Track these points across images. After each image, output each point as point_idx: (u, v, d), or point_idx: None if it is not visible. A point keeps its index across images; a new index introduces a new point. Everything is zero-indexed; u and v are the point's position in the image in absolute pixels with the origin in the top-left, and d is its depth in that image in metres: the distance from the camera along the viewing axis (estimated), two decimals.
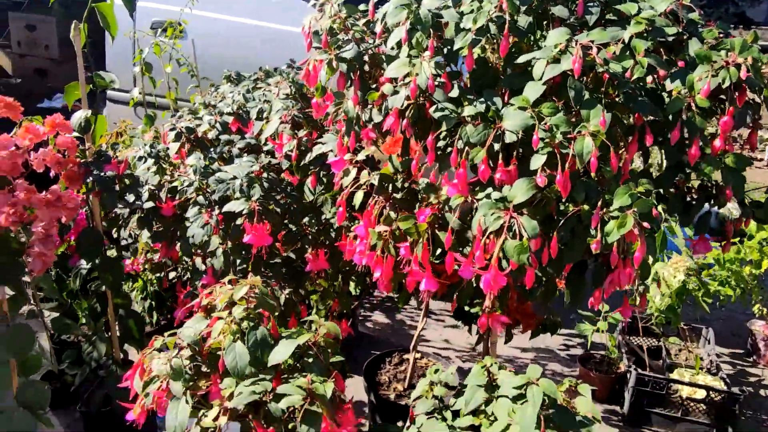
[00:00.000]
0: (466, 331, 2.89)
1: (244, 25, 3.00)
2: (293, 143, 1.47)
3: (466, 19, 1.15)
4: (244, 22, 3.03)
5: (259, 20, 2.98)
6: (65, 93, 1.94)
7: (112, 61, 3.20)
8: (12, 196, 1.49)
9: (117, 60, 3.20)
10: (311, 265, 1.50)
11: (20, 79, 3.56)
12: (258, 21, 2.98)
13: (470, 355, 2.75)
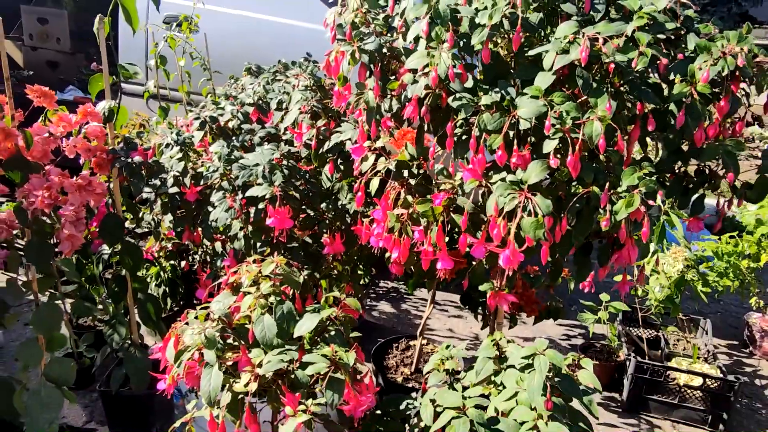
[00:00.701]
0: (469, 320, 2.99)
1: (254, 20, 3.08)
2: (312, 132, 1.55)
3: (481, 15, 1.24)
4: (253, 17, 3.11)
5: (268, 15, 3.06)
6: (89, 84, 2.02)
7: (124, 54, 3.27)
8: (46, 180, 1.57)
9: (128, 53, 3.27)
10: (329, 248, 1.59)
11: (32, 72, 3.63)
12: (267, 15, 3.06)
13: (474, 344, 2.84)
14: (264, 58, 3.01)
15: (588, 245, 1.34)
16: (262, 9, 3.06)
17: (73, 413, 2.29)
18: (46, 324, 1.70)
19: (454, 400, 1.19)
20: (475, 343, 2.84)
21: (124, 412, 2.14)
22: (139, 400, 2.12)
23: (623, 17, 1.25)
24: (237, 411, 1.17)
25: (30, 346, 1.73)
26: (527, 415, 1.15)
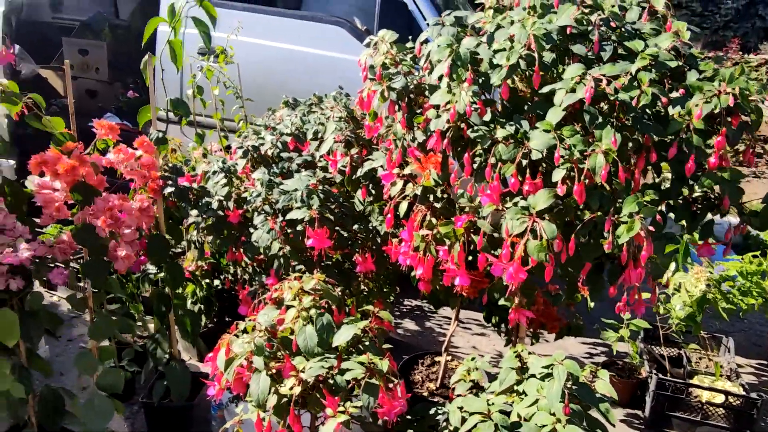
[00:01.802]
0: (492, 338, 3.12)
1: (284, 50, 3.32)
2: (346, 160, 1.74)
3: (499, 56, 1.42)
4: (283, 47, 3.35)
5: (298, 45, 3.30)
6: (138, 115, 2.26)
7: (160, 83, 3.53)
8: (108, 203, 1.78)
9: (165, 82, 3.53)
10: (361, 266, 1.76)
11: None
12: (296, 46, 3.30)
13: (496, 361, 2.97)
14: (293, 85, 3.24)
15: (600, 265, 1.49)
16: (292, 40, 3.30)
17: (115, 424, 2.49)
18: (101, 335, 1.91)
19: (479, 406, 1.34)
20: (497, 360, 2.97)
21: (165, 422, 2.32)
22: (179, 412, 2.30)
23: (629, 56, 1.42)
24: (282, 412, 1.34)
25: (86, 356, 1.94)
26: (547, 419, 1.29)
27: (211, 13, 2.11)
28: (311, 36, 3.25)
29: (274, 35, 3.36)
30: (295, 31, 3.30)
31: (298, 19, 3.32)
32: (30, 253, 1.68)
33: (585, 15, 1.44)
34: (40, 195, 1.79)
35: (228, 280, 2.30)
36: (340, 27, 3.21)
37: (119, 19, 4.74)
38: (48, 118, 1.92)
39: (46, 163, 1.77)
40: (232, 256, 1.91)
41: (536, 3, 1.48)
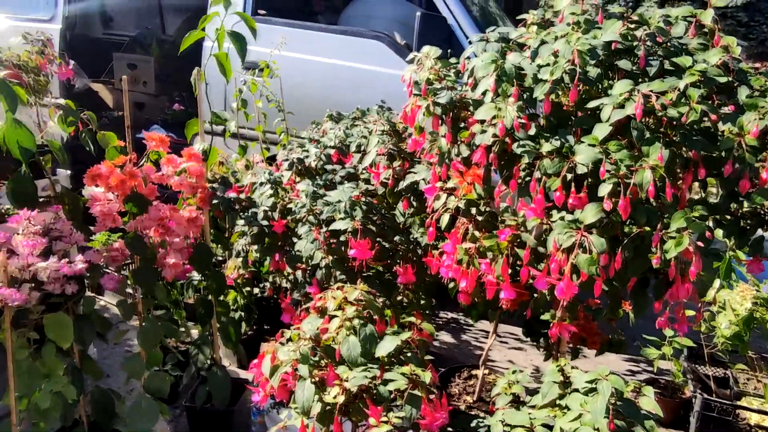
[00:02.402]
0: (529, 353, 3.09)
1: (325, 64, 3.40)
2: (389, 172, 1.77)
3: (543, 71, 1.43)
4: (324, 62, 3.43)
5: (339, 60, 3.37)
6: (186, 128, 2.35)
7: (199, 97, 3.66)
8: (159, 214, 1.86)
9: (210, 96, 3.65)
10: (401, 278, 1.79)
11: (122, 113, 4.10)
12: (337, 60, 3.37)
13: (534, 376, 2.94)
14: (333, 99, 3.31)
15: (645, 280, 1.48)
16: (332, 54, 3.37)
17: (158, 426, 2.55)
18: (150, 340, 1.98)
19: (522, 419, 1.34)
20: (535, 375, 2.94)
21: (206, 426, 2.38)
22: (220, 416, 2.35)
23: (676, 71, 1.41)
24: (326, 420, 1.37)
25: (134, 360, 2.01)
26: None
27: (251, 25, 2.17)
28: (352, 51, 3.31)
29: (315, 50, 3.44)
30: (335, 46, 3.37)
31: (339, 34, 3.39)
32: (84, 265, 1.77)
33: (630, 30, 1.45)
34: (94, 206, 1.88)
35: (270, 288, 2.35)
36: (380, 42, 3.26)
37: (165, 35, 4.94)
38: (102, 134, 2.02)
39: (99, 176, 1.86)
40: (275, 264, 1.96)
41: (580, 19, 1.49)
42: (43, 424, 1.86)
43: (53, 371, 1.84)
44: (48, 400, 1.81)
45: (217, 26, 2.21)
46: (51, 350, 1.82)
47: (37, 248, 1.67)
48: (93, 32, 4.81)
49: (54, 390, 1.81)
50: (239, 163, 2.88)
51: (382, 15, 3.51)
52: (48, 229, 1.83)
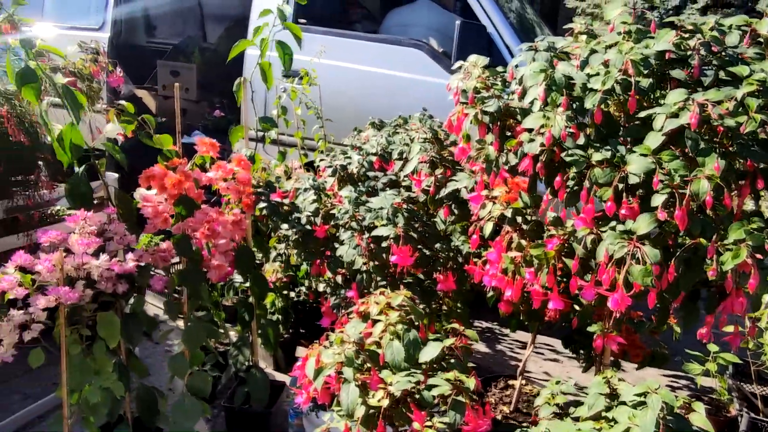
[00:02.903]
0: (565, 365, 3.04)
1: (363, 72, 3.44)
2: (431, 180, 1.78)
3: (593, 80, 1.43)
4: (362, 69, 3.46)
5: (378, 68, 3.40)
6: (231, 134, 2.41)
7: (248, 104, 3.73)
8: (206, 216, 1.91)
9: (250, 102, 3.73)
10: (441, 285, 1.79)
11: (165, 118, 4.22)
12: (376, 68, 3.40)
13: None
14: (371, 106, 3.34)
15: (696, 293, 1.45)
16: (371, 62, 3.41)
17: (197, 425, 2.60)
18: (194, 340, 2.02)
19: (567, 430, 1.32)
20: None
21: (244, 426, 2.42)
22: (258, 417, 2.39)
23: (732, 81, 1.38)
24: (369, 424, 1.38)
25: (179, 359, 2.06)
26: None
27: (296, 34, 2.22)
28: (390, 59, 3.34)
29: (353, 58, 3.48)
30: (374, 54, 3.41)
31: (378, 43, 3.43)
32: (135, 263, 1.83)
33: (684, 39, 1.43)
34: (146, 207, 1.95)
35: (311, 292, 2.38)
36: (419, 50, 3.29)
37: (207, 43, 5.07)
38: (157, 136, 2.08)
39: (153, 178, 1.92)
40: (316, 269, 1.99)
41: (632, 28, 1.48)
42: (92, 419, 1.92)
43: (103, 368, 1.90)
44: (98, 396, 1.86)
45: (263, 35, 2.27)
46: (101, 347, 1.88)
47: (91, 247, 1.74)
48: (137, 40, 4.96)
49: (103, 386, 1.86)
50: (278, 169, 2.93)
51: (420, 23, 3.54)
52: (102, 230, 1.90)
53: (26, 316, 1.70)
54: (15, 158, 2.07)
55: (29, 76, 1.82)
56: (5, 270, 1.63)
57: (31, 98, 1.84)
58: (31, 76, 1.82)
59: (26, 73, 1.83)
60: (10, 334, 1.69)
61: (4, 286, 1.58)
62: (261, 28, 2.07)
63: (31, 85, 1.83)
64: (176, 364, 2.04)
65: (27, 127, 2.15)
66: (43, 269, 1.68)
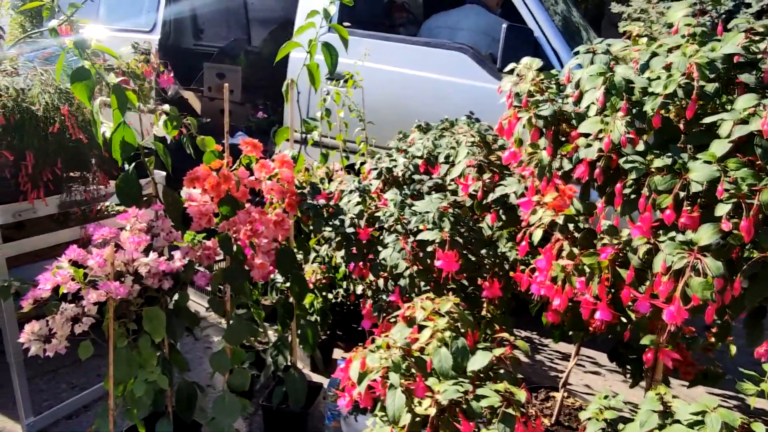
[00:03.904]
0: (607, 378, 2.95)
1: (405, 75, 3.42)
2: (478, 184, 1.75)
3: (654, 84, 1.37)
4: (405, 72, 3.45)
5: (421, 71, 3.38)
6: (276, 135, 2.42)
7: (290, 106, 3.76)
8: (249, 216, 1.92)
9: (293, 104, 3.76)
10: (487, 291, 1.75)
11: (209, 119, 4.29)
12: (420, 72, 3.38)
13: None
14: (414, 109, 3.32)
15: (761, 309, 1.37)
16: (414, 66, 3.39)
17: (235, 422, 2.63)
18: (236, 338, 2.04)
19: None
20: None
21: (281, 426, 2.42)
22: (295, 417, 2.39)
23: None
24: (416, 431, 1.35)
25: (220, 356, 2.07)
26: None
27: (343, 36, 2.22)
28: (434, 62, 3.32)
29: (396, 61, 3.47)
30: (417, 57, 3.39)
31: (422, 46, 3.40)
32: (182, 263, 1.85)
33: (753, 42, 1.36)
34: (191, 206, 1.97)
35: (353, 294, 2.37)
36: (463, 53, 3.25)
37: (251, 46, 5.14)
38: (201, 138, 2.11)
39: (197, 179, 1.94)
40: (359, 272, 1.97)
41: (697, 30, 1.42)
42: (135, 411, 1.95)
43: (147, 361, 1.93)
44: (142, 389, 1.89)
45: (310, 37, 2.27)
46: (146, 341, 1.91)
47: (141, 245, 1.77)
48: (185, 43, 5.08)
49: (149, 380, 1.89)
50: (319, 171, 2.94)
51: (464, 26, 3.50)
52: (149, 227, 1.93)
53: (78, 309, 1.75)
54: (72, 155, 2.13)
55: (82, 74, 1.87)
56: (60, 264, 1.68)
57: (82, 96, 1.89)
58: (84, 74, 1.86)
59: (80, 72, 1.88)
60: (62, 327, 1.73)
61: (58, 280, 1.62)
62: (304, 28, 2.07)
63: (84, 84, 1.87)
64: (218, 361, 2.06)
65: (84, 125, 2.20)
66: (94, 264, 1.72)
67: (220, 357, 2.06)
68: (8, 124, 2.02)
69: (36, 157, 2.00)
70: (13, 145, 2.03)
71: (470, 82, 3.21)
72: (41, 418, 2.44)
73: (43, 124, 2.05)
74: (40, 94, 2.04)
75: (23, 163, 2.01)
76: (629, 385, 2.17)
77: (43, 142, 2.02)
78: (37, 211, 2.27)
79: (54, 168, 2.00)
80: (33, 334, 1.75)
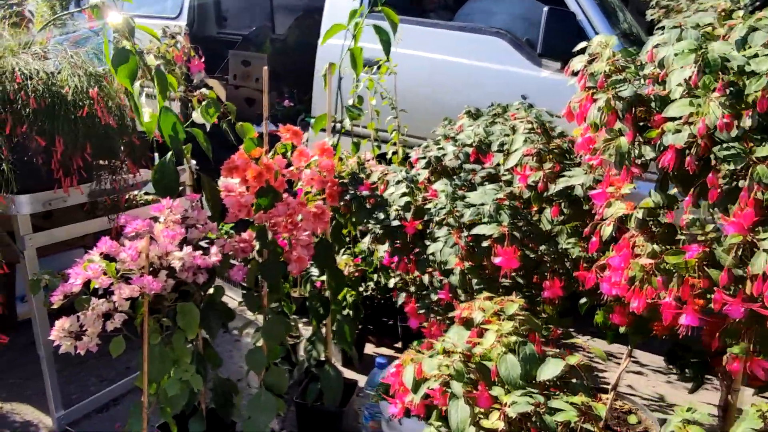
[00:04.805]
0: (650, 378, 2.77)
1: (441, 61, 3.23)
2: (539, 174, 1.57)
3: (754, 62, 1.18)
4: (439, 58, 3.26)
5: (456, 57, 3.19)
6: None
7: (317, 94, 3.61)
8: (288, 208, 1.77)
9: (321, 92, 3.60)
10: (548, 291, 1.58)
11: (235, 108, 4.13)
12: (454, 57, 3.19)
13: (658, 405, 2.62)
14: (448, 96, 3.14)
15: None
16: (448, 51, 3.20)
17: None
18: (274, 335, 1.90)
19: None
20: (659, 404, 2.62)
21: (315, 424, 2.29)
22: (330, 416, 2.25)
23: None
24: None
25: (256, 354, 1.94)
26: None
27: (392, 19, 2.05)
28: (469, 48, 3.13)
29: (430, 47, 3.28)
30: (452, 42, 3.20)
31: (457, 31, 3.21)
32: (218, 258, 1.71)
33: None
34: (228, 198, 1.82)
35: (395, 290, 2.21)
36: (501, 38, 3.05)
37: (276, 34, 4.98)
38: (240, 124, 1.96)
39: (236, 169, 1.80)
40: (404, 267, 1.82)
41: None
42: (168, 409, 1.82)
43: (181, 358, 1.80)
44: (176, 388, 1.77)
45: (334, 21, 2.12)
46: (180, 338, 1.78)
47: (176, 239, 1.63)
48: (209, 31, 4.93)
49: (183, 378, 1.76)
50: (350, 161, 2.78)
51: (501, 10, 3.30)
52: (184, 217, 1.79)
53: (109, 305, 1.61)
54: (102, 141, 1.99)
55: (124, 56, 1.72)
56: (90, 257, 1.54)
57: (124, 80, 1.75)
58: (125, 56, 1.72)
59: (121, 53, 1.73)
60: (94, 324, 1.60)
61: (89, 274, 1.49)
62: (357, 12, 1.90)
63: (126, 66, 1.73)
64: (254, 359, 1.93)
65: (115, 110, 2.06)
66: (127, 257, 1.58)
67: (256, 355, 1.92)
68: (39, 108, 1.88)
69: (66, 143, 1.86)
70: (43, 131, 1.89)
71: (507, 68, 3.01)
72: (71, 411, 2.34)
73: (73, 108, 1.91)
74: (70, 77, 1.90)
75: (54, 149, 1.87)
76: (689, 391, 2.00)
77: (73, 126, 1.88)
78: (67, 200, 2.14)
79: (84, 154, 1.86)
80: (63, 330, 1.63)
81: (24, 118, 1.83)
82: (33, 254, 2.13)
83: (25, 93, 1.80)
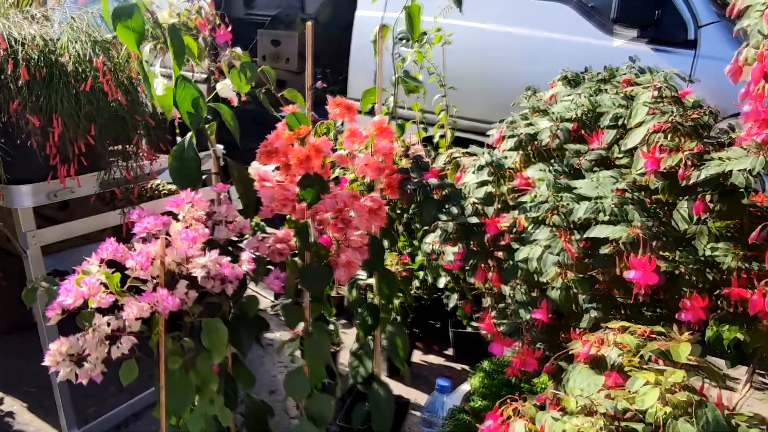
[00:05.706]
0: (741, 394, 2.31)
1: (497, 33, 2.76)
2: (678, 157, 1.12)
3: None
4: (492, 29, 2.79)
5: (514, 27, 2.71)
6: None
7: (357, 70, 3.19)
8: (338, 202, 1.35)
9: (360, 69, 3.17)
10: (688, 313, 1.14)
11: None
12: (512, 28, 2.72)
13: None
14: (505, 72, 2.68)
15: None
16: (506, 21, 2.72)
17: None
18: (318, 355, 1.49)
19: None
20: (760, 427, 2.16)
21: None
22: None
23: None
24: None
25: (297, 377, 1.53)
26: None
27: None
28: (530, 16, 2.65)
29: (484, 16, 2.80)
30: (509, 11, 2.72)
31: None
32: (251, 267, 1.29)
33: None
34: (265, 188, 1.41)
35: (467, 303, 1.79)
36: (567, 5, 2.57)
37: (305, 14, 4.54)
38: (287, 90, 1.54)
39: (276, 152, 1.37)
40: (482, 276, 1.38)
41: None
42: None
43: (207, 384, 1.40)
44: (200, 423, 1.38)
45: None
46: (206, 360, 1.38)
47: (198, 242, 1.22)
48: (236, 12, 4.54)
49: (208, 413, 1.37)
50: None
51: None
52: (209, 214, 1.39)
53: (118, 322, 1.22)
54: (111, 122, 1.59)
55: (127, 11, 1.30)
56: (87, 267, 1.14)
57: (129, 41, 1.32)
58: (129, 10, 1.30)
59: (123, 7, 1.31)
60: (97, 348, 1.21)
61: (83, 292, 1.09)
62: None
63: (129, 24, 1.30)
64: (294, 384, 1.52)
65: (126, 84, 1.66)
66: (135, 265, 1.18)
67: (297, 379, 1.52)
68: (33, 80, 1.49)
69: (65, 122, 1.47)
70: (39, 107, 1.50)
71: (574, 38, 2.53)
72: (86, 429, 1.98)
73: (74, 80, 1.51)
74: (70, 42, 1.50)
75: (50, 130, 1.48)
76: None
77: (74, 102, 1.48)
78: (74, 190, 1.76)
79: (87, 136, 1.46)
80: (61, 354, 1.24)
81: (15, 93, 1.44)
82: (37, 253, 1.76)
83: (14, 61, 1.40)
